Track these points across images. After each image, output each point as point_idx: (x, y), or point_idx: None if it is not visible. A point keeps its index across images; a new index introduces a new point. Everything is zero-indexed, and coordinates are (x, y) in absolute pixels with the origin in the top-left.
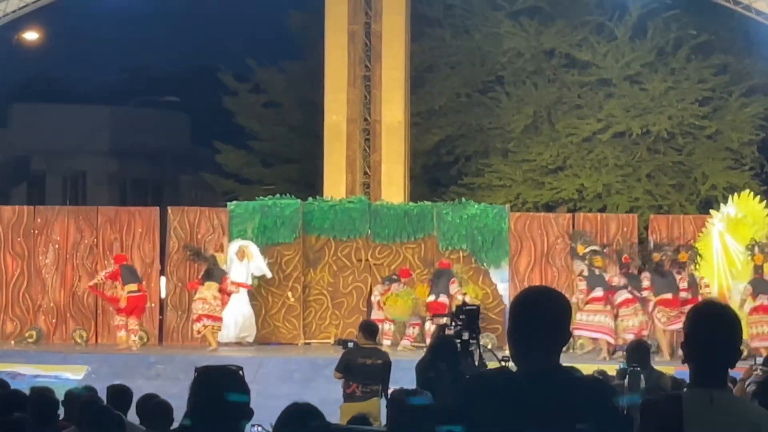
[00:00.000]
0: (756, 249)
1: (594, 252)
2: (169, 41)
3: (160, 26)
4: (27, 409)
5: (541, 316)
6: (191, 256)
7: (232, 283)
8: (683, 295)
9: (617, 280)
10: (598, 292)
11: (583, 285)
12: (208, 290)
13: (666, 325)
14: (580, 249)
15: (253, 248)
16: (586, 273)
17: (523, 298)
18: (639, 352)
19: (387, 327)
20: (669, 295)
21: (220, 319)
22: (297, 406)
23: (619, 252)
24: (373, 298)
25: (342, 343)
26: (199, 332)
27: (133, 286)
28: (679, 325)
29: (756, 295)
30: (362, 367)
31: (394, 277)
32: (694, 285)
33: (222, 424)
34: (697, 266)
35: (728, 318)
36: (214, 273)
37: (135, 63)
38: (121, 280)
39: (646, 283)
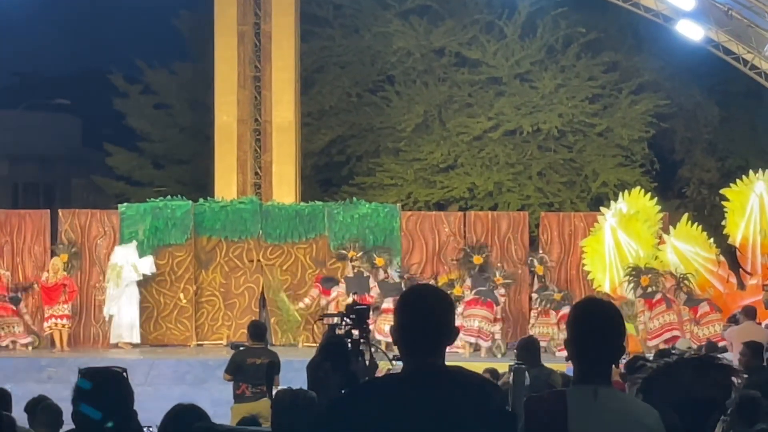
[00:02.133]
0: (639, 274)
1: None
2: (59, 43)
3: (49, 28)
4: None
5: (426, 314)
6: None
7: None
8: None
9: None
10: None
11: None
12: None
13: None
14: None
15: (132, 249)
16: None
17: (407, 296)
18: (528, 349)
19: None
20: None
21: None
22: (181, 407)
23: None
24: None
25: (234, 347)
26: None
27: None
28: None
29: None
30: (251, 367)
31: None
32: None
33: (106, 426)
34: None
35: (610, 314)
36: None
37: (24, 66)
38: None
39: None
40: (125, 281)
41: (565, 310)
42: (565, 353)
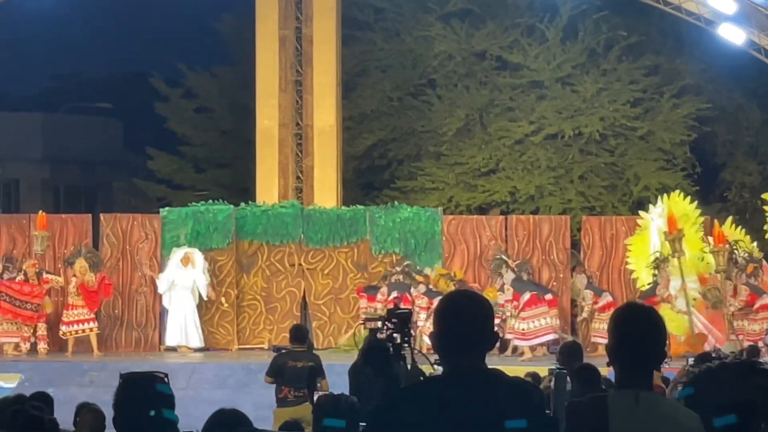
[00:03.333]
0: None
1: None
2: (101, 47)
3: (91, 33)
4: None
5: (465, 320)
6: None
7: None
8: None
9: None
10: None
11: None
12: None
13: None
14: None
15: (198, 256)
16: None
17: (447, 302)
18: (571, 353)
19: None
20: None
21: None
22: (223, 413)
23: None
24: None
25: (276, 350)
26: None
27: None
28: None
29: None
30: (293, 370)
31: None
32: None
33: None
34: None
35: (651, 319)
36: None
37: (67, 70)
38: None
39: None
40: (181, 285)
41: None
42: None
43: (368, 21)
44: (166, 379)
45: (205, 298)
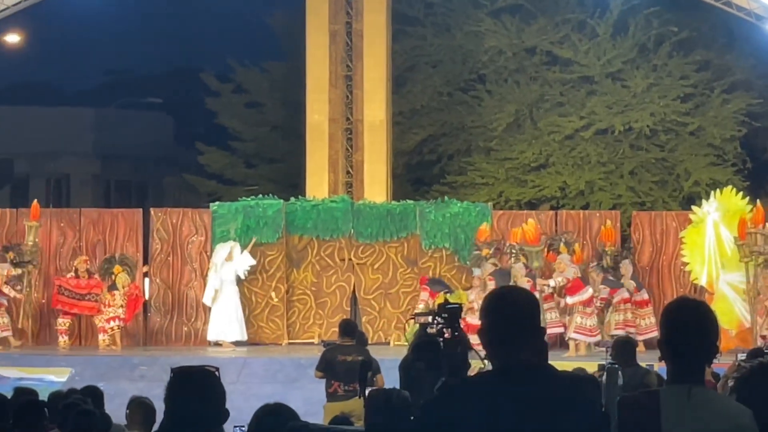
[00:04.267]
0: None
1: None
2: (152, 43)
3: (142, 28)
4: (10, 412)
5: (513, 314)
6: None
7: None
8: None
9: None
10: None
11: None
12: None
13: None
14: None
15: (237, 249)
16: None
17: (494, 297)
18: (624, 348)
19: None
20: None
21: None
22: (270, 407)
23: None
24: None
25: (326, 345)
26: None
27: None
28: None
29: None
30: (342, 364)
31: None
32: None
33: (198, 425)
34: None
35: (703, 314)
36: None
37: (117, 65)
38: None
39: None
40: (224, 279)
41: None
42: None
43: (418, 16)
44: (217, 374)
45: (242, 276)
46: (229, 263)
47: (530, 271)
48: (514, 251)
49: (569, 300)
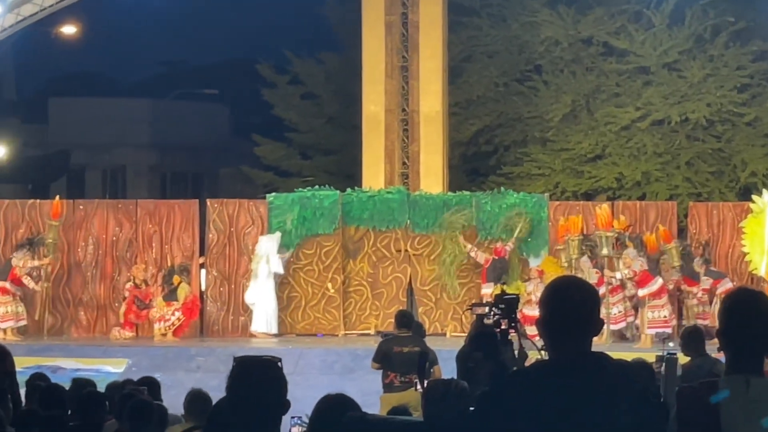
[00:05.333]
0: None
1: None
2: (209, 34)
3: (199, 20)
4: (69, 403)
5: (573, 306)
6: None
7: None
8: None
9: None
10: None
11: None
12: None
13: None
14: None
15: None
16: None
17: (554, 288)
18: (693, 338)
19: None
20: None
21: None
22: (330, 398)
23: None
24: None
25: (383, 336)
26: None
27: None
28: None
29: None
30: (399, 355)
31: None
32: None
33: (259, 415)
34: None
35: (762, 304)
36: None
37: (174, 56)
38: None
39: None
40: (262, 273)
41: None
42: None
43: (474, 7)
44: (279, 364)
45: (280, 271)
46: (273, 257)
47: (596, 261)
48: (587, 244)
49: (640, 292)
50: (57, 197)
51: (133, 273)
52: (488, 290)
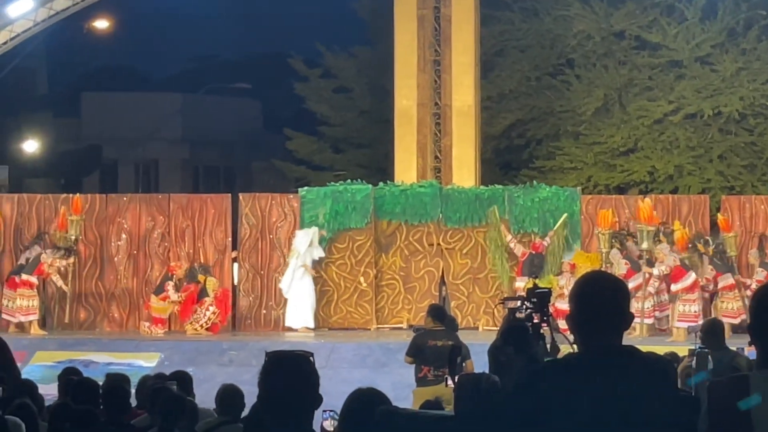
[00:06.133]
0: None
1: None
2: (240, 28)
3: (231, 14)
4: (99, 397)
5: (603, 301)
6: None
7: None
8: None
9: None
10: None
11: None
12: None
13: None
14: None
15: (316, 236)
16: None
17: (583, 284)
18: (713, 332)
19: None
20: None
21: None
22: (362, 392)
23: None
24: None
25: (416, 330)
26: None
27: None
28: None
29: None
30: (432, 349)
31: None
32: None
33: (292, 410)
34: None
35: None
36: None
37: (206, 51)
38: None
39: None
40: (298, 267)
41: None
42: None
43: (507, 1)
44: (312, 359)
45: (317, 257)
46: (308, 250)
47: (625, 253)
48: (617, 237)
49: (673, 287)
50: (77, 195)
51: (174, 271)
52: (522, 284)
